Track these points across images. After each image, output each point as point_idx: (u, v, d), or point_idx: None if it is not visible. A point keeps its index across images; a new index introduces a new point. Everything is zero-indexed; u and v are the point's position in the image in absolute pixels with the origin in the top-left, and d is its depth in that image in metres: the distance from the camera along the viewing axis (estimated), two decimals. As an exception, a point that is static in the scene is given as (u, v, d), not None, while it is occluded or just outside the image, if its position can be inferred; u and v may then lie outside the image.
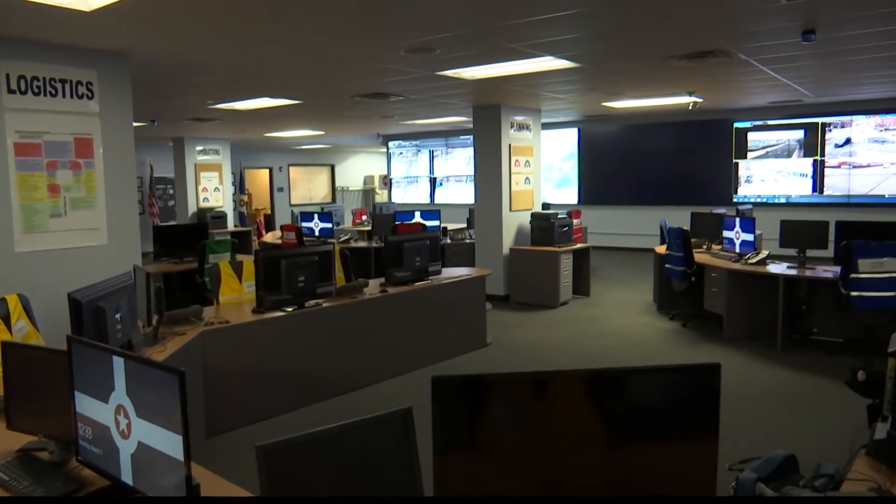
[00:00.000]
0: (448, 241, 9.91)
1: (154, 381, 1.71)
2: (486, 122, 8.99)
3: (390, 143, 17.26)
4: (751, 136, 12.17)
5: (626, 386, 1.62)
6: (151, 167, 14.35)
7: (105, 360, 1.86)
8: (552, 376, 1.58)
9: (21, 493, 1.99)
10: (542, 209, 9.59)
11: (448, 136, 15.85)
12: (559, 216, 8.64)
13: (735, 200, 11.99)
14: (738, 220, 7.08)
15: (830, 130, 11.36)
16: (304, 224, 10.85)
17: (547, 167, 13.52)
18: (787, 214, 9.93)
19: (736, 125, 12.22)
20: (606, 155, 13.80)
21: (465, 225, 11.15)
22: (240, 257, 6.70)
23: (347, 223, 13.25)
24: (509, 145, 8.98)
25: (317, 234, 10.71)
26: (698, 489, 1.58)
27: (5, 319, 3.50)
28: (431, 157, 16.73)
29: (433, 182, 16.74)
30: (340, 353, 5.19)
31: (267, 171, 17.95)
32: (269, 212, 17.66)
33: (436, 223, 10.35)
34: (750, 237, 6.81)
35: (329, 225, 10.74)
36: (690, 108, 9.40)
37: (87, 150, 4.87)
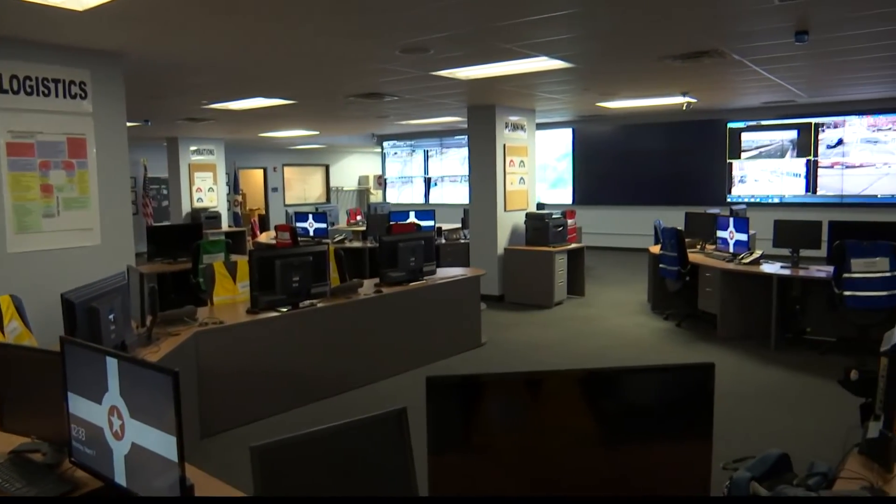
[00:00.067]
0: (443, 241, 9.91)
1: (148, 382, 1.71)
2: (481, 123, 9.00)
3: (385, 143, 17.25)
4: (744, 136, 12.21)
5: (620, 386, 1.62)
6: (145, 167, 14.26)
7: (98, 360, 1.86)
8: (547, 376, 1.58)
9: (14, 495, 1.98)
10: (537, 209, 9.60)
11: (443, 136, 15.85)
12: (554, 216, 8.65)
13: (729, 200, 12.02)
14: (731, 220, 7.10)
15: (823, 131, 11.41)
16: (299, 224, 10.84)
17: (542, 167, 13.55)
18: (781, 214, 9.97)
19: (730, 125, 12.26)
20: (601, 155, 13.82)
21: (459, 225, 11.15)
22: (234, 257, 6.69)
23: (342, 223, 13.24)
24: (504, 145, 8.99)
25: (311, 234, 10.70)
26: (693, 488, 1.58)
27: (-2, 320, 3.48)
28: (426, 158, 16.72)
29: (428, 182, 16.73)
30: (335, 354, 5.18)
31: (261, 171, 17.91)
32: (263, 212, 17.62)
33: (430, 223, 10.35)
34: (744, 237, 6.83)
35: (324, 225, 10.73)
36: (684, 108, 9.43)
37: (80, 150, 4.85)
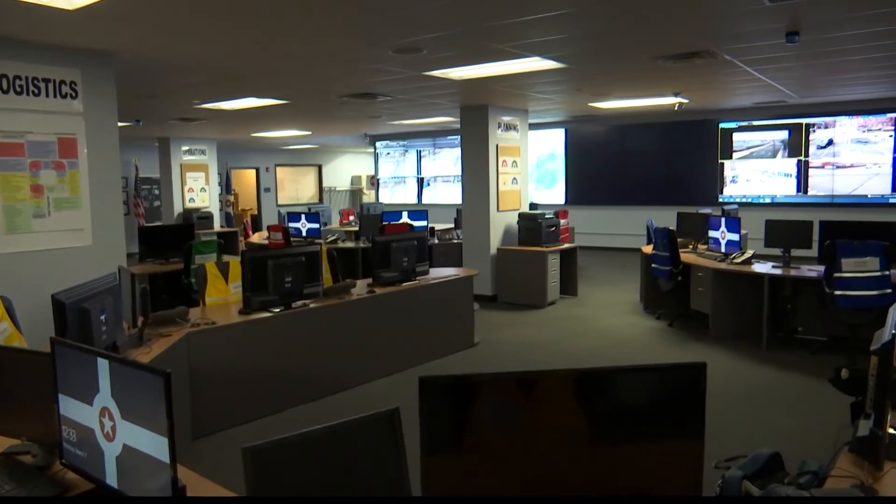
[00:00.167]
0: (435, 241, 9.90)
1: (139, 383, 1.70)
2: (474, 123, 9.00)
3: (378, 144, 17.23)
4: (736, 136, 12.27)
5: (612, 385, 1.63)
6: (136, 167, 14.23)
7: (89, 362, 1.84)
8: (539, 376, 1.59)
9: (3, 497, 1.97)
10: (530, 209, 9.61)
11: (435, 136, 15.85)
12: (546, 216, 8.67)
13: (720, 200, 12.07)
14: (723, 219, 7.13)
15: (814, 131, 11.47)
16: (291, 224, 10.81)
17: (535, 166, 13.57)
18: (772, 214, 10.03)
19: (721, 126, 12.31)
20: (593, 155, 13.85)
21: (452, 225, 11.15)
22: (226, 258, 6.66)
23: (335, 223, 13.21)
24: (496, 145, 9.00)
25: (304, 234, 10.68)
26: (685, 487, 1.59)
27: (-12, 321, 3.45)
28: (419, 158, 16.72)
29: (420, 182, 16.72)
30: (328, 354, 5.17)
31: (254, 171, 17.86)
32: (255, 212, 17.57)
33: (423, 223, 10.34)
34: (735, 237, 6.86)
35: (316, 225, 10.70)
36: (676, 108, 9.46)
37: (70, 150, 4.82)
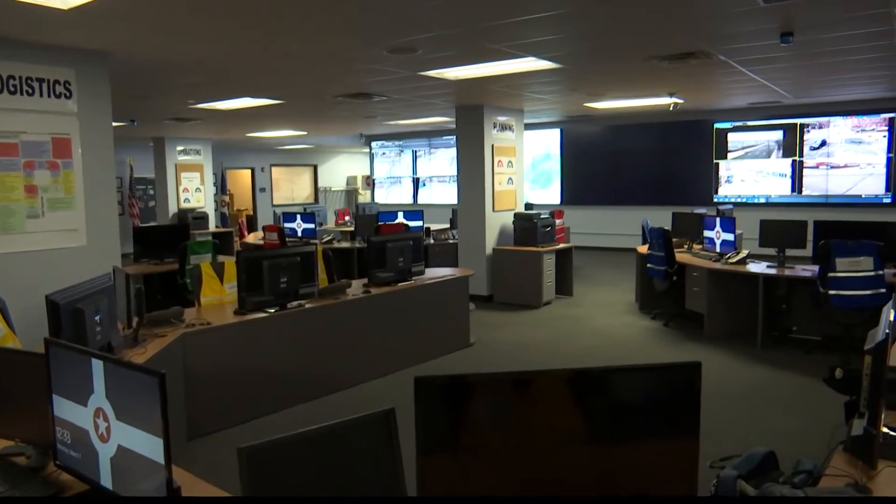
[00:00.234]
0: (431, 241, 9.90)
1: (134, 384, 1.69)
2: (469, 123, 9.00)
3: (373, 144, 17.21)
4: (731, 136, 12.30)
5: (608, 385, 1.63)
6: (131, 167, 14.19)
7: (84, 362, 1.84)
8: (535, 376, 1.59)
9: (-2, 499, 1.97)
10: (525, 209, 9.62)
11: (431, 136, 15.84)
12: (542, 216, 8.67)
13: (715, 200, 12.10)
14: (718, 219, 7.15)
15: (808, 131, 11.51)
16: (287, 225, 10.79)
17: (531, 166, 13.58)
18: (767, 214, 10.05)
19: (716, 126, 12.34)
20: (589, 155, 13.87)
21: (448, 225, 11.15)
22: (221, 258, 6.65)
23: (330, 224, 13.20)
24: (492, 146, 9.00)
25: (299, 234, 10.66)
26: (680, 487, 1.59)
27: (-19, 322, 3.44)
28: (414, 158, 16.71)
29: (416, 182, 16.72)
30: (323, 355, 5.17)
31: (249, 171, 17.83)
32: (251, 212, 17.54)
33: (419, 223, 10.34)
34: (730, 237, 6.88)
35: (312, 225, 10.69)
36: (671, 108, 9.49)
37: (65, 150, 4.81)
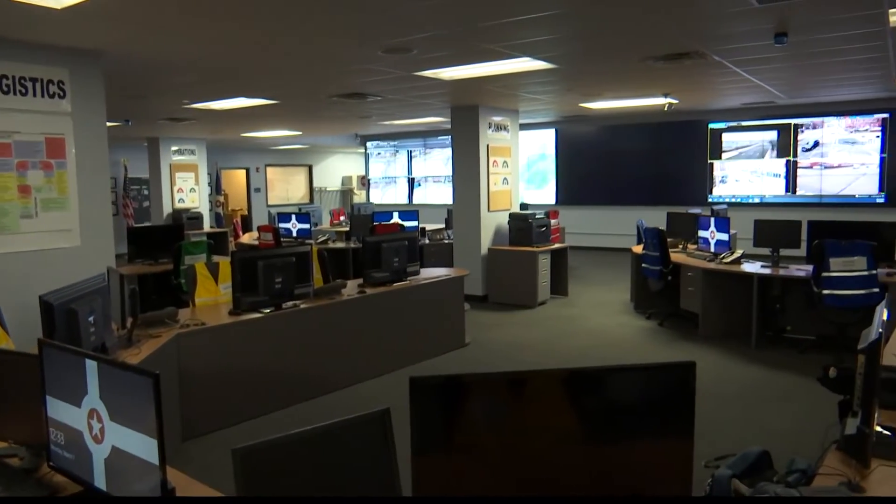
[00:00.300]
0: (426, 241, 9.90)
1: (128, 385, 1.69)
2: (464, 123, 9.01)
3: (368, 144, 17.20)
4: (725, 136, 12.34)
5: (602, 385, 1.63)
6: (125, 167, 14.16)
7: (78, 363, 1.83)
8: (530, 376, 1.59)
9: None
10: (520, 209, 9.63)
11: (426, 136, 15.84)
12: (537, 216, 8.68)
13: (710, 200, 12.14)
14: (712, 219, 7.16)
15: (802, 132, 11.56)
16: (282, 225, 10.77)
17: (526, 166, 13.60)
18: (761, 214, 10.10)
19: (710, 126, 12.38)
20: (584, 155, 13.89)
21: (443, 225, 11.15)
22: (216, 258, 6.63)
23: (325, 224, 13.18)
24: (487, 146, 9.01)
25: (294, 234, 10.64)
26: (675, 486, 1.60)
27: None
28: (409, 158, 16.70)
29: (411, 182, 16.71)
30: (318, 355, 5.16)
31: (244, 171, 17.80)
32: (245, 213, 17.51)
33: (414, 224, 10.33)
34: (724, 237, 6.90)
35: (307, 226, 10.67)
36: (666, 109, 9.50)
37: (58, 150, 4.78)
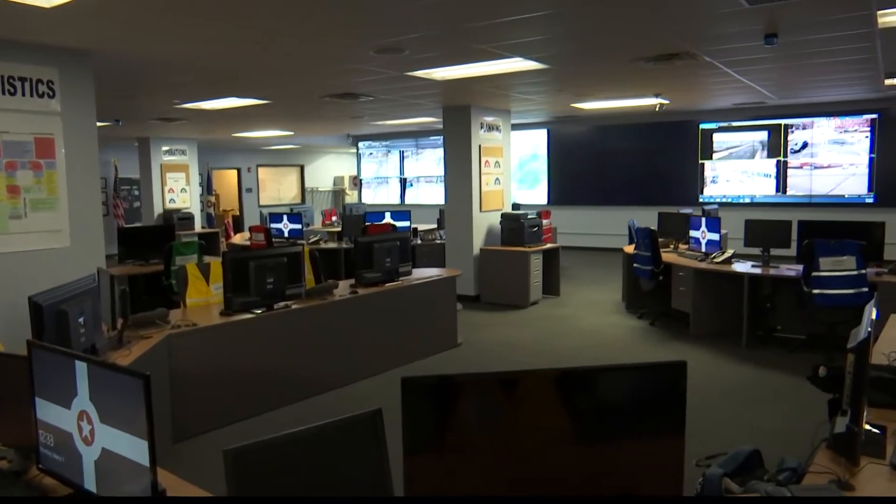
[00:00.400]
0: (418, 241, 9.90)
1: (118, 386, 1.68)
2: (456, 123, 9.01)
3: (360, 144, 17.18)
4: (716, 137, 12.39)
5: (594, 384, 1.64)
6: (116, 168, 14.08)
7: (67, 364, 1.82)
8: (521, 376, 1.59)
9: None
10: (512, 209, 9.64)
11: (418, 136, 15.84)
12: (529, 216, 8.69)
13: (701, 200, 12.19)
14: (703, 219, 7.20)
15: (793, 132, 11.62)
16: (273, 225, 10.74)
17: (518, 166, 13.61)
18: (752, 214, 10.15)
19: (701, 126, 12.43)
20: (575, 156, 13.92)
21: (435, 225, 11.15)
22: (207, 259, 6.61)
23: (317, 224, 13.16)
24: (479, 146, 9.01)
25: (286, 235, 10.62)
26: (666, 485, 1.60)
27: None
28: (401, 158, 16.69)
29: (403, 183, 16.70)
30: (310, 356, 5.15)
31: (235, 171, 17.74)
32: (237, 213, 17.45)
33: (406, 224, 10.33)
34: (715, 237, 6.93)
35: (298, 226, 10.65)
36: (657, 109, 9.54)
37: (48, 150, 4.75)
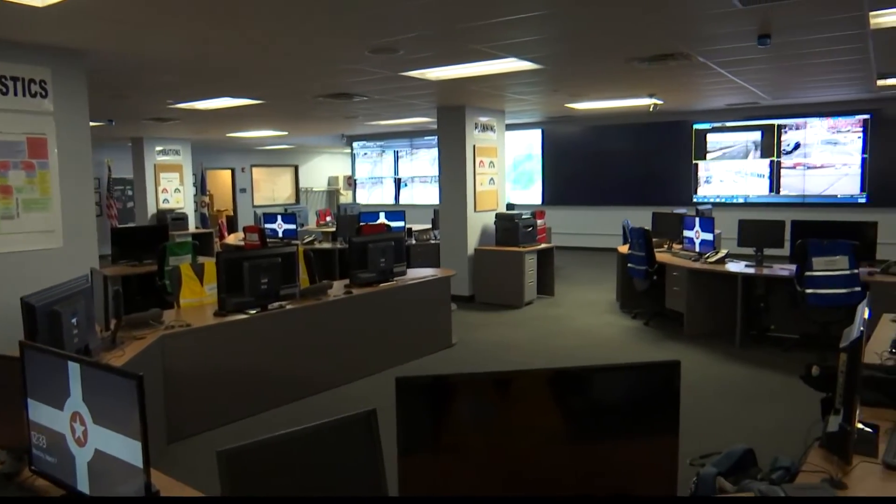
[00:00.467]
0: (413, 241, 9.89)
1: (111, 387, 1.68)
2: (451, 123, 9.01)
3: (354, 144, 17.16)
4: (710, 137, 12.43)
5: (588, 384, 1.64)
6: (109, 168, 14.02)
7: (60, 365, 1.81)
8: (515, 376, 1.59)
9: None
10: (507, 210, 9.65)
11: (413, 136, 15.83)
12: (523, 216, 8.70)
13: (695, 200, 12.22)
14: (697, 219, 7.22)
15: (786, 132, 11.67)
16: (268, 225, 10.73)
17: (512, 166, 13.63)
18: (745, 214, 10.18)
19: (695, 127, 12.47)
20: (570, 156, 13.94)
21: (429, 226, 11.15)
22: (201, 259, 6.59)
23: (311, 224, 13.14)
24: (473, 146, 9.02)
25: (280, 235, 10.60)
26: (660, 484, 1.61)
27: (-46, 325, 3.38)
28: (396, 158, 16.69)
29: (398, 183, 16.70)
30: (304, 356, 5.14)
31: (229, 171, 17.69)
32: (231, 213, 17.41)
33: (400, 224, 10.33)
34: (709, 237, 6.95)
35: (293, 226, 10.63)
36: (651, 109, 9.56)
37: (40, 151, 4.73)
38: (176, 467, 3.64)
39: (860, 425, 2.16)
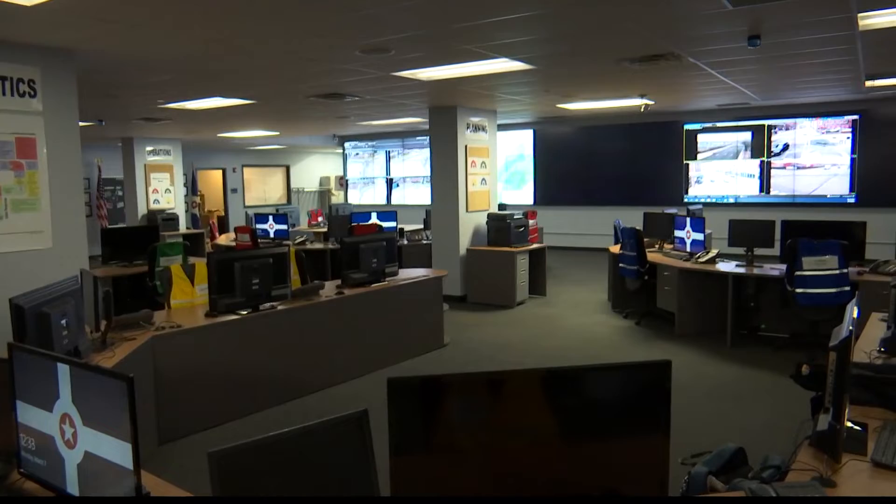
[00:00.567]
0: (405, 242, 9.89)
1: (101, 389, 1.67)
2: (443, 124, 9.01)
3: (346, 144, 17.14)
4: (700, 137, 12.49)
5: (580, 384, 1.65)
6: (99, 168, 13.94)
7: (49, 367, 1.80)
8: (507, 376, 1.60)
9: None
10: (499, 210, 9.66)
11: (404, 136, 15.83)
12: (515, 217, 8.71)
13: (686, 201, 12.27)
14: (688, 219, 7.24)
15: (776, 133, 11.74)
16: (259, 226, 10.69)
17: (504, 167, 13.64)
18: (736, 214, 10.23)
19: (686, 127, 12.52)
20: (561, 156, 13.98)
21: (421, 226, 11.14)
22: (192, 260, 6.56)
23: (303, 224, 13.11)
24: (465, 146, 9.02)
25: (272, 235, 10.56)
26: (652, 483, 1.61)
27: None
28: (388, 158, 16.67)
29: (389, 183, 16.68)
30: (296, 357, 5.12)
31: (220, 171, 17.62)
32: (222, 213, 17.34)
33: (392, 224, 10.32)
34: (700, 236, 6.98)
35: (284, 226, 10.60)
36: (642, 110, 9.59)
37: (29, 150, 4.70)
38: (167, 469, 3.63)
39: (849, 424, 2.17)
